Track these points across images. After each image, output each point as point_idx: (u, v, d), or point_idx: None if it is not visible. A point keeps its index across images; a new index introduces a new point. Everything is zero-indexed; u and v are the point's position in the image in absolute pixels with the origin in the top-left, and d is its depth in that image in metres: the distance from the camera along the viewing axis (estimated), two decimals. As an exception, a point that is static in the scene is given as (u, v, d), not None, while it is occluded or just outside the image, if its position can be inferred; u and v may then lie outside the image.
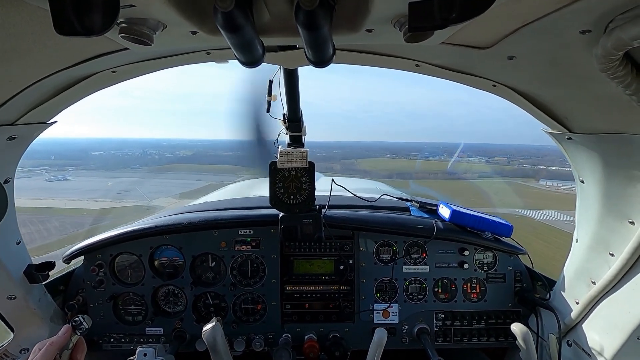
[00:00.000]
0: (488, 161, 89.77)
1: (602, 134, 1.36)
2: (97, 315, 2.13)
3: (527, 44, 1.07)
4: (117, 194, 47.01)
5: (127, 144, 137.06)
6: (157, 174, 65.27)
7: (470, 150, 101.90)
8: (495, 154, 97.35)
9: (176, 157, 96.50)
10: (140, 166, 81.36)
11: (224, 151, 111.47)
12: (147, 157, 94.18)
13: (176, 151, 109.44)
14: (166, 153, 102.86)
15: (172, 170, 68.67)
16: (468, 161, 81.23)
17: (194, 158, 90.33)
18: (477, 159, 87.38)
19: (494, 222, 2.19)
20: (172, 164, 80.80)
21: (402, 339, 2.18)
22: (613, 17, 0.83)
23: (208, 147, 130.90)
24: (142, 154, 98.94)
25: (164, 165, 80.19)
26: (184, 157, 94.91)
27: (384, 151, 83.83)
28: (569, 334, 1.83)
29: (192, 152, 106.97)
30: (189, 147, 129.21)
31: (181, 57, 1.39)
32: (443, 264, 2.20)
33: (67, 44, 1.09)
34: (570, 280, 1.83)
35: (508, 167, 77.22)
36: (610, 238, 1.55)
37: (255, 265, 2.20)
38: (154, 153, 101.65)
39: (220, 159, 75.25)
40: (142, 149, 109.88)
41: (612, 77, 0.96)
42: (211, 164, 71.62)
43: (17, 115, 1.40)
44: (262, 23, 0.94)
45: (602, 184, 1.51)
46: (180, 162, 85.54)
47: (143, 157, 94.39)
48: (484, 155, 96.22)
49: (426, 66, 1.43)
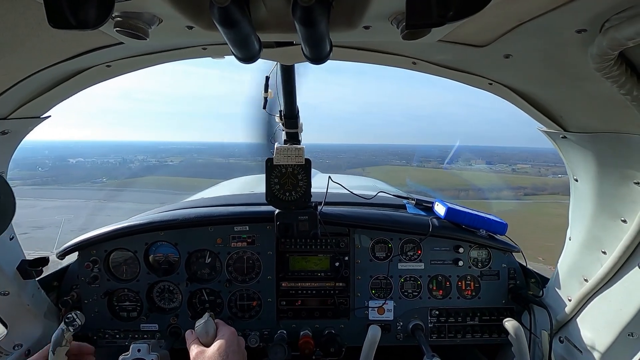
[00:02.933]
0: (514, 170, 75.55)
1: (597, 133, 1.37)
2: (91, 311, 2.12)
3: (523, 42, 1.07)
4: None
5: (117, 148, 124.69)
6: (116, 193, 48.98)
7: (484, 155, 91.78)
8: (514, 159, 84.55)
9: (159, 164, 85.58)
10: (108, 179, 66.12)
11: (218, 157, 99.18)
12: (126, 166, 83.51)
13: (164, 157, 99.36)
14: (152, 160, 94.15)
15: (135, 185, 53.40)
16: (489, 169, 70.17)
17: (174, 169, 75.27)
18: (498, 166, 77.29)
19: (488, 219, 2.20)
20: (140, 177, 65.53)
21: (396, 336, 2.20)
22: (609, 16, 0.83)
23: (202, 151, 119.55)
24: (123, 161, 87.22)
25: (130, 179, 63.90)
26: (164, 166, 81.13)
27: (391, 156, 75.46)
28: (561, 331, 1.85)
29: (181, 159, 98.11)
30: (182, 152, 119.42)
31: (177, 52, 1.38)
32: (438, 261, 2.22)
33: (61, 38, 1.08)
34: (563, 277, 1.86)
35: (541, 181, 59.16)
36: (602, 236, 1.57)
37: (251, 262, 2.20)
38: (136, 160, 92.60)
39: (206, 170, 63.73)
40: (129, 155, 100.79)
41: (606, 77, 0.97)
42: (191, 176, 56.74)
43: (10, 109, 1.38)
44: (258, 19, 0.93)
45: (595, 182, 1.53)
46: (154, 174, 70.14)
47: (123, 164, 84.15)
48: (506, 161, 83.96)
49: (423, 64, 1.43)
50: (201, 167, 66.69)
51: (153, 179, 61.45)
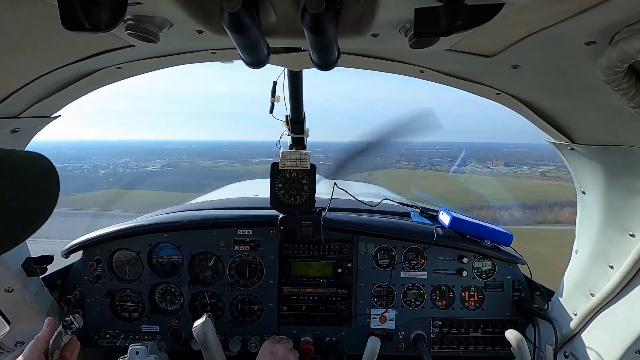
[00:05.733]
0: (544, 175, 58.51)
1: (605, 146, 1.36)
2: (93, 310, 2.12)
3: (531, 53, 1.07)
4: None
5: (103, 150, 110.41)
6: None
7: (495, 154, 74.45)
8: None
9: (135, 170, 71.21)
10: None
11: (208, 159, 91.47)
12: (94, 173, 68.72)
13: (148, 160, 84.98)
14: (133, 164, 79.51)
15: (77, 205, 33.75)
16: (510, 172, 50.80)
17: (138, 180, 54.28)
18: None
19: (494, 230, 2.18)
20: (92, 192, 46.96)
21: (398, 345, 2.17)
22: (619, 29, 0.83)
23: (194, 152, 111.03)
24: (92, 167, 72.49)
25: (78, 194, 42.95)
26: (133, 174, 65.34)
27: (398, 157, 66.11)
28: (566, 345, 1.81)
29: (164, 163, 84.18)
30: (171, 153, 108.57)
31: (186, 55, 1.40)
32: (441, 270, 2.19)
33: (73, 40, 1.10)
34: (569, 291, 1.82)
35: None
36: (610, 250, 1.55)
37: (254, 266, 2.20)
38: (115, 164, 77.24)
39: (181, 179, 50.09)
40: (112, 158, 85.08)
41: (616, 89, 0.96)
42: (159, 189, 42.35)
43: (21, 108, 1.41)
44: (268, 24, 0.94)
45: (603, 195, 1.51)
46: (115, 186, 53.32)
47: (92, 171, 69.64)
48: (524, 162, 67.74)
49: (430, 72, 1.43)
50: (176, 176, 53.59)
51: (105, 194, 45.72)
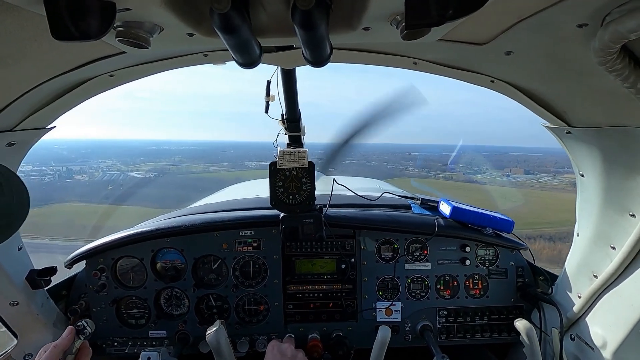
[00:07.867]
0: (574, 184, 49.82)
1: (601, 128, 1.36)
2: (100, 319, 2.13)
3: (524, 39, 1.07)
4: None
5: (93, 150, 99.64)
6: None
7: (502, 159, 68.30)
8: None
9: (116, 176, 62.32)
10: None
11: (201, 162, 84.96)
12: (60, 182, 58.66)
13: (135, 164, 76.16)
14: (119, 166, 72.53)
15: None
16: (534, 184, 44.41)
17: (94, 193, 46.32)
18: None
19: (494, 217, 2.18)
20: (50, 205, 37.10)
21: (405, 337, 2.18)
22: (610, 10, 0.83)
23: (182, 152, 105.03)
24: (68, 172, 62.41)
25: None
26: (110, 184, 52.86)
27: (405, 161, 58.75)
28: (572, 328, 1.83)
29: (149, 167, 73.40)
30: (163, 154, 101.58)
31: (178, 59, 1.39)
32: (445, 260, 2.20)
33: (63, 49, 1.09)
34: (572, 274, 1.83)
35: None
36: (611, 231, 1.55)
37: (257, 266, 2.20)
38: (98, 168, 69.34)
39: (160, 192, 37.44)
40: (100, 160, 77.47)
41: (610, 71, 0.96)
42: (131, 204, 27.64)
43: (16, 121, 1.40)
44: (258, 24, 0.94)
45: (602, 177, 1.51)
46: (73, 201, 42.51)
47: (64, 176, 61.38)
48: (543, 168, 60.03)
49: (424, 63, 1.43)
50: (158, 188, 43.83)
51: (57, 209, 37.16)
